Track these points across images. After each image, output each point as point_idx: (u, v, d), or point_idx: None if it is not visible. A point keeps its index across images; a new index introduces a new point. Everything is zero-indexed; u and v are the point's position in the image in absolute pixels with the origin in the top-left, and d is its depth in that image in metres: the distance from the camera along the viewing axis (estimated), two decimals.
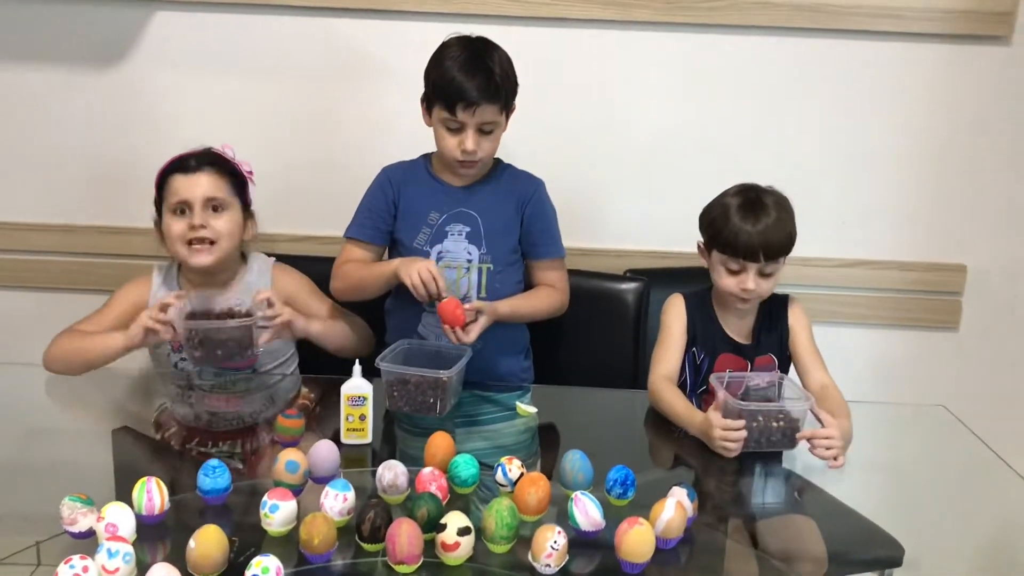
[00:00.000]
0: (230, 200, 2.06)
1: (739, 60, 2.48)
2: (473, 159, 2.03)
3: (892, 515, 1.69)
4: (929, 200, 2.57)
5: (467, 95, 1.96)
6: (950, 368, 2.65)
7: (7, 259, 2.58)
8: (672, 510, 1.39)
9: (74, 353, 2.00)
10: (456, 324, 1.92)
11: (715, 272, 1.97)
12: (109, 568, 1.22)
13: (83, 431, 1.97)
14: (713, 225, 1.94)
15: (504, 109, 2.04)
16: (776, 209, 1.91)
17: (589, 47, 2.47)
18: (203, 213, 2.02)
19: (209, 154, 2.08)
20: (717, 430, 1.74)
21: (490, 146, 2.05)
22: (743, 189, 1.96)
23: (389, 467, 1.50)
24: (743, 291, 1.92)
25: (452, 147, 2.02)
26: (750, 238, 1.88)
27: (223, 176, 2.06)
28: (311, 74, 2.49)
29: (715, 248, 1.94)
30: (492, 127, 2.02)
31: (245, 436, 1.87)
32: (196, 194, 2.02)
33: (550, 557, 1.31)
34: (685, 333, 2.01)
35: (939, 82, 2.49)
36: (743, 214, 1.90)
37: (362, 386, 1.74)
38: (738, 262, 1.91)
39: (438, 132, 2.04)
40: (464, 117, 1.98)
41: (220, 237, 2.03)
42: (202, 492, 1.47)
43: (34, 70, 2.48)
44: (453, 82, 1.96)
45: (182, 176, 2.03)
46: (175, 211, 2.03)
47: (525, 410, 1.95)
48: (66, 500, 1.36)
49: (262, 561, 1.21)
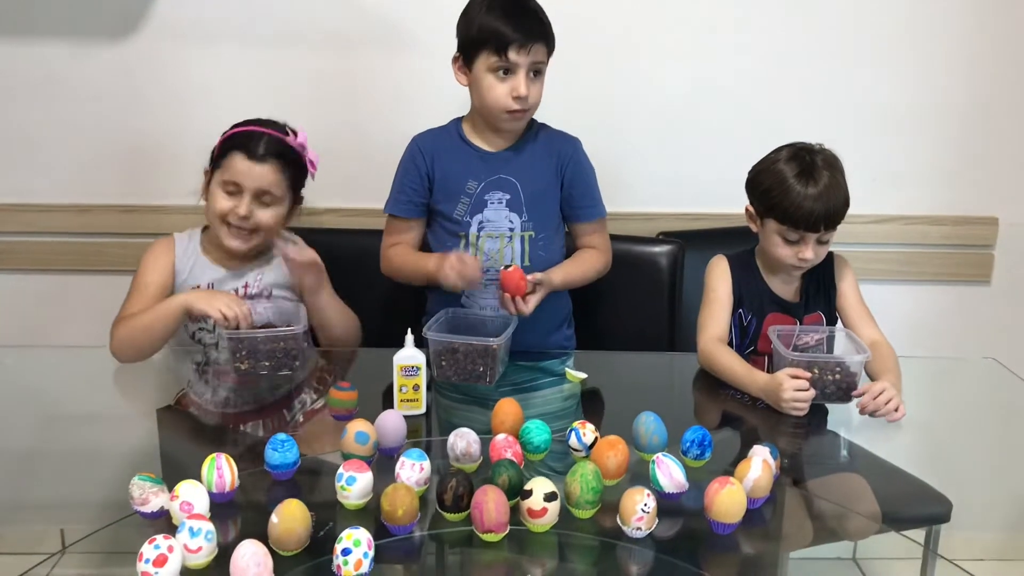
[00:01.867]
0: (283, 195, 2.00)
1: (769, 16, 2.45)
2: (525, 106, 1.97)
3: (939, 471, 1.68)
4: (959, 154, 2.55)
5: (520, 34, 1.91)
6: (983, 322, 2.64)
7: (22, 241, 2.52)
8: (759, 469, 1.36)
9: (142, 336, 1.92)
10: (519, 293, 1.88)
11: (769, 241, 1.92)
12: (192, 547, 1.18)
13: (111, 413, 1.90)
14: (769, 195, 1.88)
15: (549, 51, 1.99)
16: (832, 173, 1.85)
17: (614, 8, 2.43)
18: (251, 203, 1.96)
19: (278, 142, 1.98)
20: (788, 391, 1.71)
21: (538, 92, 2.00)
22: (796, 154, 1.88)
23: (461, 435, 1.46)
24: (801, 260, 1.88)
25: (502, 95, 1.96)
26: (812, 210, 1.82)
27: (284, 170, 1.98)
28: (332, 41, 2.43)
29: (772, 218, 1.88)
30: (541, 68, 1.98)
31: (269, 412, 1.82)
32: (250, 184, 1.95)
33: (641, 520, 1.28)
34: (731, 294, 1.98)
35: (969, 35, 2.47)
36: (802, 184, 1.83)
37: (415, 356, 1.69)
38: (798, 232, 1.86)
39: (484, 83, 1.97)
40: (518, 58, 1.92)
41: (260, 229, 1.99)
42: (270, 467, 1.42)
43: (43, 45, 2.40)
44: (502, 25, 1.91)
45: (244, 159, 1.95)
46: (225, 187, 1.97)
47: (575, 376, 1.92)
48: (136, 480, 1.31)
49: (352, 534, 1.16)
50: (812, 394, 1.71)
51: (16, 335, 2.34)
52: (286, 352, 1.81)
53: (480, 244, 2.06)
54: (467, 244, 2.06)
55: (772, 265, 1.97)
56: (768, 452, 1.42)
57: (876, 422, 1.73)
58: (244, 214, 1.95)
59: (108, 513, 1.36)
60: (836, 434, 1.83)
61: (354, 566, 1.15)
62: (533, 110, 2.03)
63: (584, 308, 2.27)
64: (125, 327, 1.93)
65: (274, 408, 1.82)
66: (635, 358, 2.14)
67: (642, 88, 2.48)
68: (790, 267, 1.92)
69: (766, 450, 1.42)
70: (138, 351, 1.93)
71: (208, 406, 1.86)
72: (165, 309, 1.91)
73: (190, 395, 1.90)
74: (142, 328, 1.92)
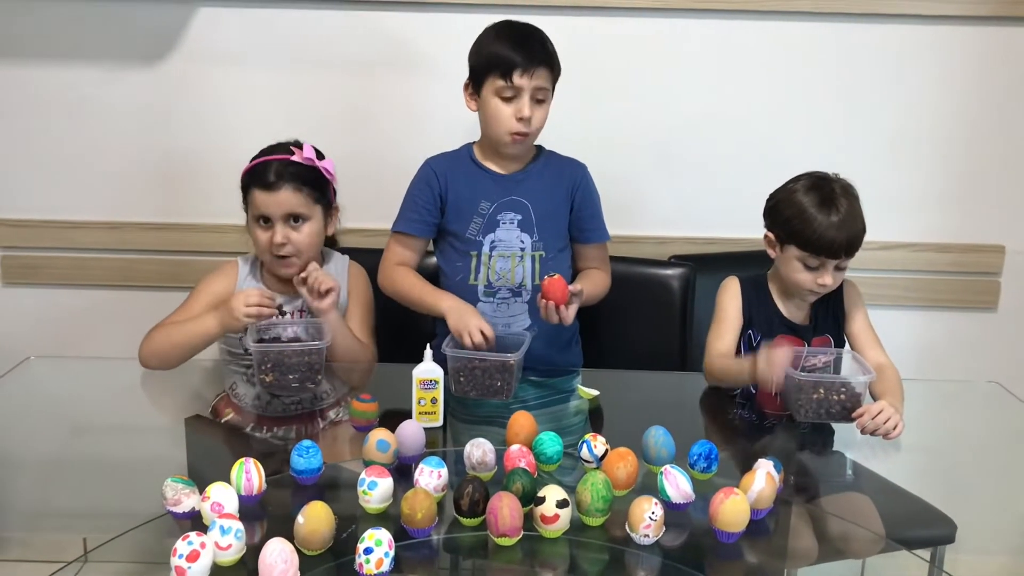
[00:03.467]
0: (310, 210, 2.05)
1: (776, 45, 2.51)
2: (528, 129, 2.05)
3: (944, 493, 1.71)
4: (966, 181, 2.60)
5: (524, 59, 2.00)
6: (990, 349, 2.67)
7: (55, 257, 2.59)
8: (763, 481, 1.42)
9: (167, 344, 1.99)
10: (562, 302, 1.94)
11: (789, 267, 1.97)
12: (222, 544, 1.24)
13: (139, 423, 1.97)
14: (790, 223, 1.93)
15: (554, 79, 2.07)
16: (850, 201, 1.92)
17: (626, 35, 2.50)
18: (284, 228, 2.02)
19: (286, 165, 2.03)
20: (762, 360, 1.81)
21: (542, 116, 2.07)
22: (815, 184, 1.94)
23: (477, 445, 1.52)
24: (820, 286, 1.94)
25: (507, 117, 2.04)
26: (834, 238, 1.88)
27: (303, 187, 2.03)
28: (354, 67, 2.51)
29: (793, 245, 1.94)
30: (544, 95, 2.06)
31: (305, 420, 1.88)
32: (275, 212, 2.02)
33: (648, 528, 1.34)
34: (741, 315, 2.03)
35: (975, 63, 2.52)
36: (824, 213, 1.89)
37: (434, 370, 1.75)
38: (819, 259, 1.92)
39: (491, 106, 2.05)
40: (521, 81, 2.00)
41: (300, 250, 2.04)
42: (295, 472, 1.49)
43: (78, 68, 2.49)
44: (509, 50, 2.01)
45: (262, 192, 2.02)
46: (257, 222, 2.05)
47: (587, 392, 1.97)
48: (169, 481, 1.38)
49: (374, 535, 1.23)
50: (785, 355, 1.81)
51: (48, 347, 2.41)
52: (310, 366, 1.86)
53: (492, 263, 2.12)
54: (479, 263, 2.13)
55: (787, 290, 2.02)
56: (772, 465, 1.48)
57: (881, 443, 1.78)
58: (280, 241, 2.01)
59: (133, 522, 1.41)
60: (841, 454, 1.88)
61: (375, 565, 1.22)
62: (535, 135, 2.10)
63: (597, 328, 2.32)
64: (159, 335, 2.00)
65: (298, 416, 1.89)
66: (645, 376, 2.19)
67: (655, 115, 2.54)
68: (807, 292, 1.97)
69: (770, 464, 1.48)
70: (163, 362, 2.00)
71: (249, 409, 1.91)
72: (199, 331, 1.98)
73: (230, 397, 1.95)
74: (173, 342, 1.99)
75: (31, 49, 2.48)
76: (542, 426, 1.65)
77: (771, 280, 2.06)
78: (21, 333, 2.57)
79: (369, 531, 1.23)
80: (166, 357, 2.01)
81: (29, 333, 2.57)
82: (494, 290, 2.11)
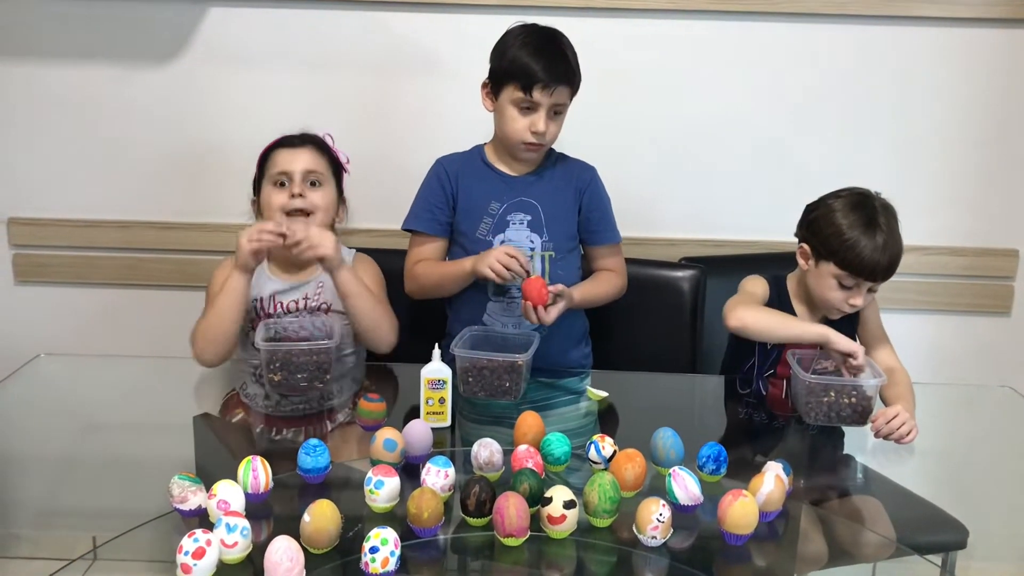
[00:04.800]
0: (328, 177, 2.11)
1: (788, 48, 2.50)
2: (542, 141, 2.05)
3: (956, 498, 1.70)
4: (979, 185, 2.59)
5: (546, 75, 1.98)
6: (1003, 354, 2.66)
7: (65, 255, 2.61)
8: (772, 484, 1.41)
9: (217, 328, 1.96)
10: (540, 303, 1.93)
11: (823, 283, 1.94)
12: (228, 542, 1.24)
13: (149, 421, 1.95)
14: (829, 242, 1.90)
15: (573, 94, 2.06)
16: (890, 222, 1.89)
17: (639, 37, 2.50)
18: (302, 184, 2.06)
19: (313, 135, 2.14)
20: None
21: (556, 129, 2.07)
22: (858, 203, 1.91)
23: (484, 445, 1.52)
24: (850, 306, 1.92)
25: (521, 129, 2.03)
26: (878, 261, 1.86)
27: (323, 155, 2.11)
28: (366, 67, 2.51)
29: (831, 263, 1.90)
30: (561, 110, 2.05)
31: (314, 421, 1.88)
32: (297, 166, 2.06)
33: (656, 529, 1.33)
34: (764, 300, 2.01)
35: (988, 67, 2.51)
36: (868, 236, 1.86)
37: (441, 370, 1.75)
38: (855, 279, 1.90)
39: (506, 114, 2.05)
40: (540, 97, 2.00)
41: (316, 209, 2.06)
42: (303, 471, 1.49)
43: (89, 67, 2.51)
44: (531, 63, 1.99)
45: (285, 150, 2.09)
46: (275, 183, 2.07)
47: (596, 394, 1.97)
48: (175, 479, 1.38)
49: (380, 533, 1.22)
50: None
51: (59, 345, 2.41)
52: (318, 365, 1.86)
53: None
54: None
55: (809, 298, 2.00)
56: (781, 468, 1.47)
57: (892, 447, 1.77)
58: (297, 191, 2.04)
59: (143, 520, 1.41)
60: (852, 457, 1.87)
61: (381, 563, 1.21)
62: (549, 144, 2.11)
63: (607, 330, 2.32)
64: (201, 326, 1.98)
65: (306, 416, 1.88)
66: (654, 378, 2.18)
67: (666, 117, 2.54)
68: (835, 310, 1.95)
69: (779, 466, 1.47)
70: (216, 344, 1.96)
71: (259, 409, 1.91)
72: (227, 289, 1.95)
73: (240, 396, 1.95)
74: (215, 320, 1.96)
75: (42, 48, 2.49)
76: (551, 427, 1.64)
77: (790, 284, 2.05)
78: (32, 331, 2.58)
79: (375, 530, 1.23)
80: (221, 340, 1.97)
81: (40, 331, 2.59)
82: (504, 290, 2.11)
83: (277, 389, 1.87)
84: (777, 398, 1.98)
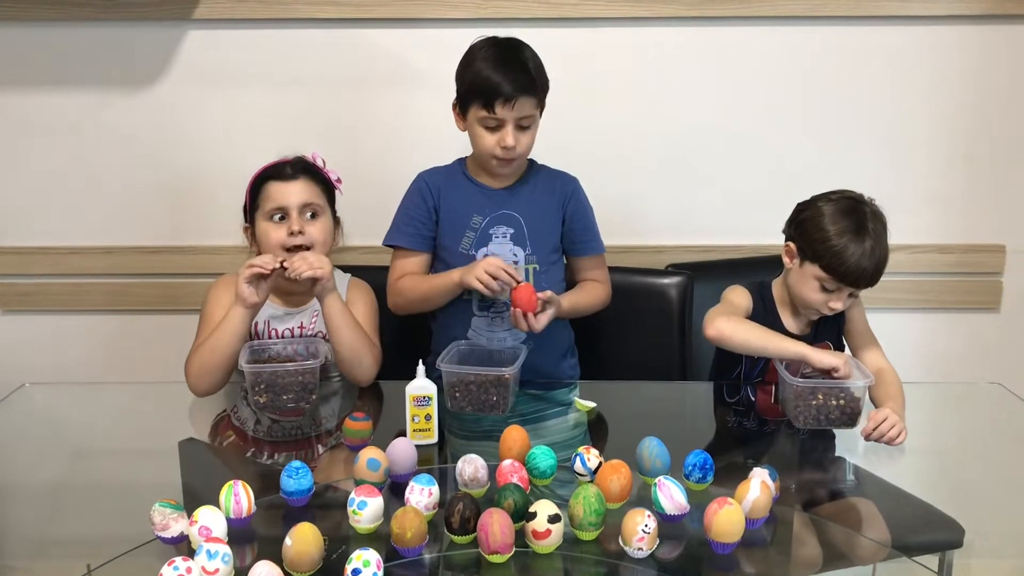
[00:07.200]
0: (324, 207, 2.08)
1: (770, 50, 2.50)
2: (512, 155, 2.04)
3: (950, 496, 1.69)
4: (965, 181, 2.59)
5: (505, 90, 1.97)
6: (992, 349, 2.66)
7: (51, 283, 2.60)
8: (758, 490, 1.40)
9: (210, 358, 1.95)
10: (530, 310, 1.93)
11: (805, 284, 1.93)
12: (209, 569, 1.23)
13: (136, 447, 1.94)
14: (815, 245, 1.89)
15: (539, 103, 2.05)
16: (877, 228, 1.88)
17: (619, 45, 2.50)
18: (300, 219, 2.03)
19: (303, 162, 2.10)
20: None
21: (527, 141, 2.06)
22: (848, 209, 1.89)
23: (469, 461, 1.51)
24: (829, 309, 1.92)
25: (491, 145, 2.03)
26: (863, 268, 1.85)
27: (316, 183, 2.08)
28: (344, 85, 2.51)
29: (816, 265, 1.89)
30: (529, 122, 2.04)
31: (303, 445, 1.86)
32: (292, 200, 2.03)
33: (642, 541, 1.32)
34: (747, 312, 2.00)
35: (972, 63, 2.51)
36: (856, 242, 1.85)
37: (427, 386, 1.74)
38: (837, 284, 1.89)
39: (475, 132, 2.05)
40: (503, 113, 1.99)
41: (315, 244, 2.04)
42: (285, 494, 1.47)
43: (69, 93, 2.50)
44: (490, 79, 1.98)
45: (279, 183, 2.04)
46: (271, 217, 2.04)
47: (584, 405, 1.95)
48: (157, 506, 1.37)
49: (362, 555, 1.22)
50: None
51: (44, 373, 2.41)
52: (303, 386, 1.85)
53: None
54: None
55: (794, 302, 2.00)
56: (767, 474, 1.46)
57: (884, 447, 1.76)
58: (296, 228, 2.01)
59: (133, 547, 1.40)
60: (843, 459, 1.86)
61: None
62: (522, 158, 2.10)
63: (595, 339, 2.31)
64: (196, 355, 1.97)
65: (290, 438, 1.87)
66: (641, 386, 2.17)
67: (649, 123, 2.54)
68: (814, 312, 1.95)
69: (765, 472, 1.47)
70: (211, 375, 1.95)
71: (249, 432, 1.90)
72: (226, 322, 1.93)
73: (231, 419, 1.94)
74: (210, 350, 1.94)
75: (23, 74, 2.49)
76: (540, 440, 1.63)
77: (775, 288, 2.05)
78: (17, 360, 2.57)
79: (357, 552, 1.22)
80: (216, 372, 1.95)
81: (26, 360, 2.57)
82: (488, 304, 2.10)
83: (263, 411, 1.86)
84: (766, 403, 1.97)
